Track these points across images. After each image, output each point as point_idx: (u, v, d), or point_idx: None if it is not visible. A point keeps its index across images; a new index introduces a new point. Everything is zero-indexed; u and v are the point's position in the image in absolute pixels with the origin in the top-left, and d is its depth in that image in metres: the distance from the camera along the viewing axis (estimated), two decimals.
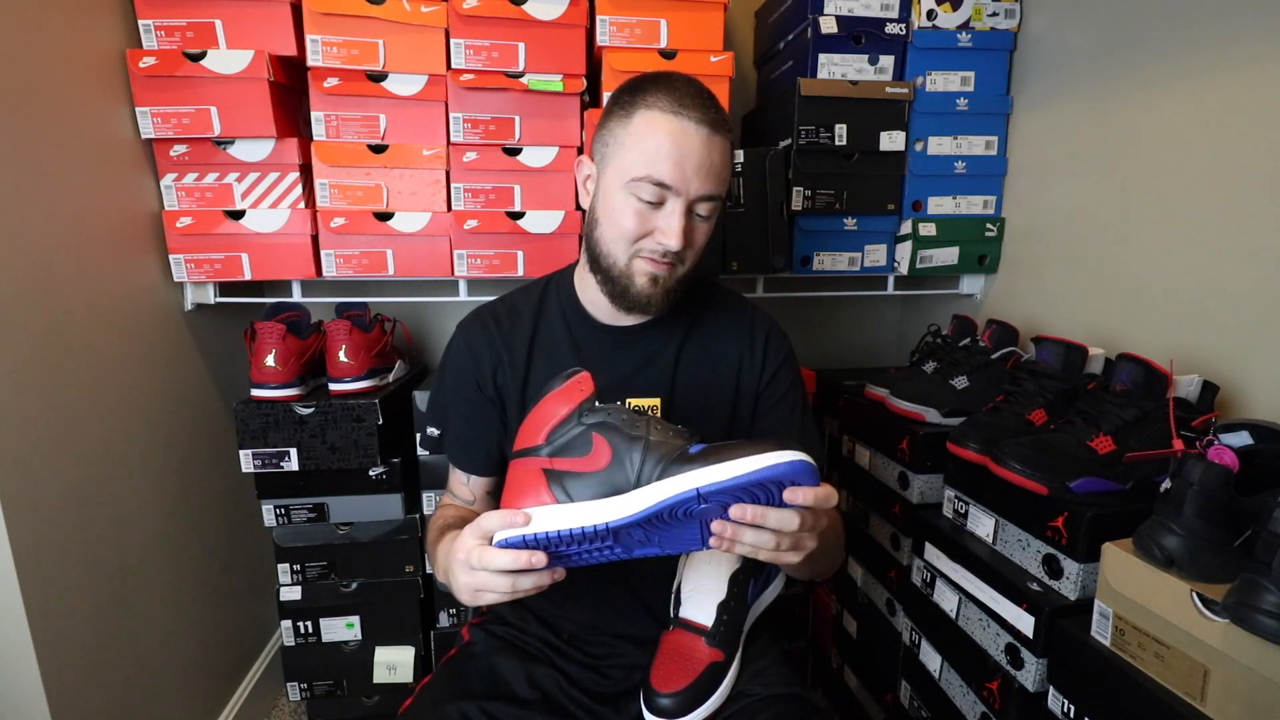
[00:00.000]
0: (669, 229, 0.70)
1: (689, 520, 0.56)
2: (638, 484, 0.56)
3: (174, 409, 1.16)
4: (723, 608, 0.72)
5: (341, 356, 1.15)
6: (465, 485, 0.86)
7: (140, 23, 1.05)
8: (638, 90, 0.72)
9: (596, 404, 0.61)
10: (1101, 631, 0.72)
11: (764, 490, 0.55)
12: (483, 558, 0.56)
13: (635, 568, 0.81)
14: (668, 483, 0.55)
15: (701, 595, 0.74)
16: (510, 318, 0.83)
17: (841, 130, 1.25)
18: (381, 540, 1.21)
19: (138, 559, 1.05)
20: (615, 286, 0.75)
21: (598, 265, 0.76)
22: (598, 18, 1.13)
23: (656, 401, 0.80)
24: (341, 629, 1.22)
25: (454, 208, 1.16)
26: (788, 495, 0.55)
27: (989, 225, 1.32)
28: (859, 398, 1.26)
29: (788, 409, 0.84)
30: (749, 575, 0.76)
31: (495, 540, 0.56)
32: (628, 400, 0.77)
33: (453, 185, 1.16)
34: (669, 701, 0.67)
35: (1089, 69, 1.12)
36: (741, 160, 1.23)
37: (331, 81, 1.09)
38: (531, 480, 0.59)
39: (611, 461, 0.58)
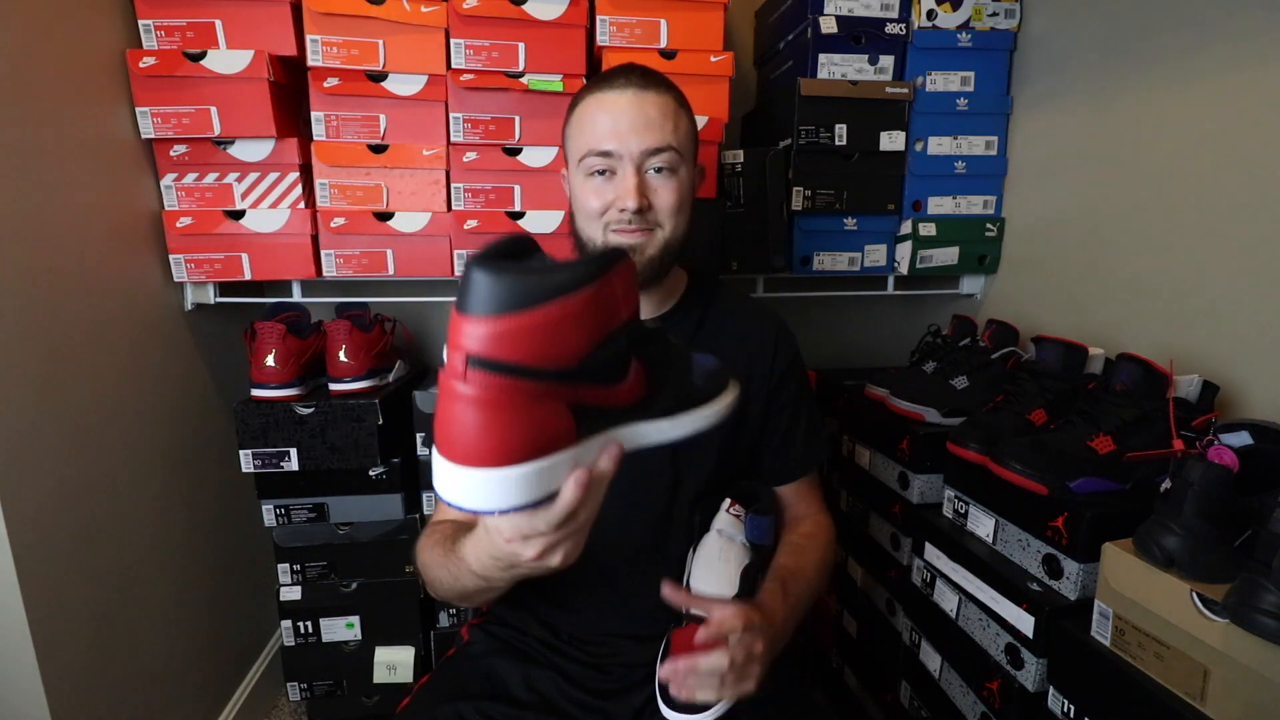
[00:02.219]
0: (623, 190, 0.73)
1: None
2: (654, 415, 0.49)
3: (174, 409, 1.16)
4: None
5: (341, 356, 1.15)
6: None
7: (140, 23, 1.05)
8: (580, 90, 0.79)
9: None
10: (1101, 631, 0.72)
11: None
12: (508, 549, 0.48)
13: (635, 565, 0.82)
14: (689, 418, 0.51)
15: (714, 591, 0.73)
16: None
17: (841, 130, 1.25)
18: (381, 540, 1.21)
19: (137, 559, 1.05)
20: None
21: (583, 253, 0.78)
22: (598, 18, 1.13)
23: None
24: (341, 629, 1.22)
25: (454, 208, 1.16)
26: (699, 635, 0.58)
27: (989, 225, 1.32)
28: (859, 398, 1.26)
29: (791, 413, 0.86)
30: (758, 570, 0.76)
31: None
32: None
33: (453, 185, 1.16)
34: None
35: (1089, 69, 1.12)
36: (741, 160, 1.23)
37: (331, 81, 1.09)
38: (557, 421, 0.42)
39: (645, 395, 0.47)
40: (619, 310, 0.42)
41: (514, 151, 1.15)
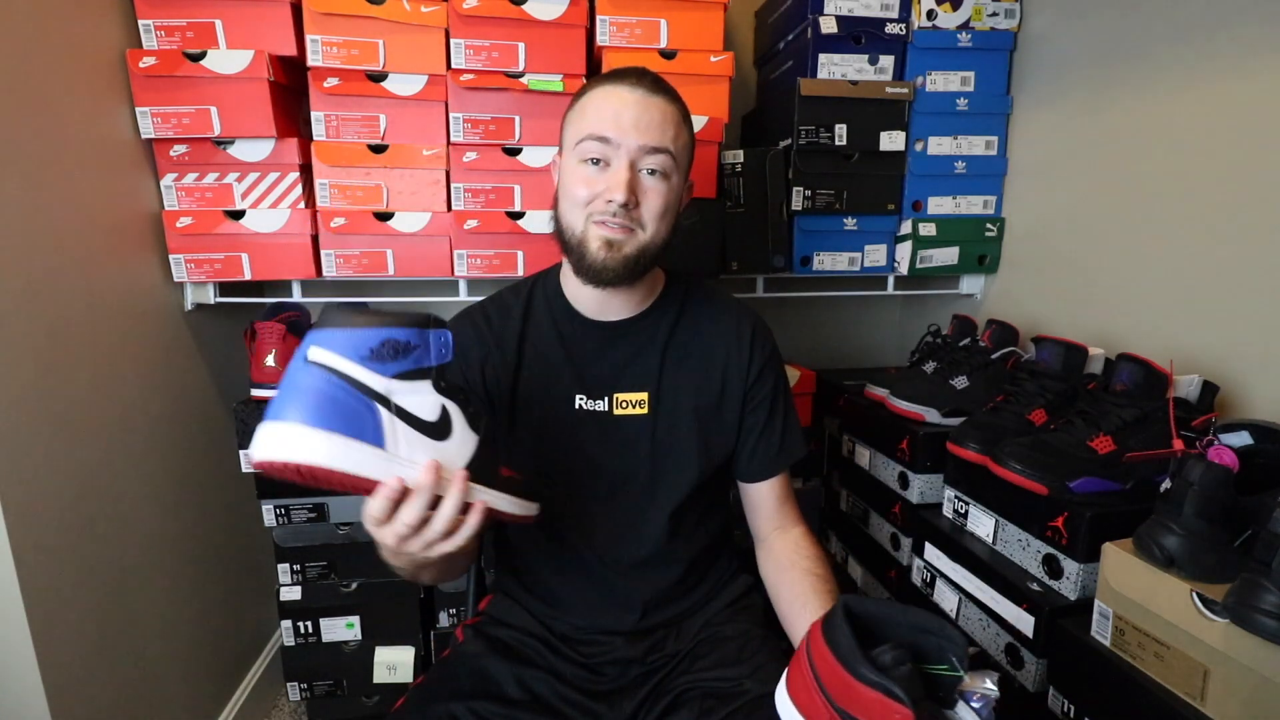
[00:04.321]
0: (614, 183, 0.73)
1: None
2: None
3: (174, 409, 1.16)
4: None
5: None
6: None
7: (140, 23, 1.05)
8: (591, 80, 0.80)
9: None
10: (1101, 631, 0.72)
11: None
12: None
13: (620, 564, 0.81)
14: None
15: None
16: (501, 315, 0.84)
17: (841, 130, 1.25)
18: None
19: (138, 559, 1.05)
20: (574, 256, 0.77)
21: (562, 239, 0.78)
22: (598, 18, 1.13)
23: (644, 395, 0.81)
24: (341, 629, 1.22)
25: (454, 208, 1.16)
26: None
27: (989, 225, 1.32)
28: (859, 398, 1.26)
29: (768, 409, 0.85)
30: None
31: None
32: (615, 395, 0.81)
33: (453, 185, 1.16)
34: None
35: (1089, 69, 1.12)
36: (741, 160, 1.23)
37: (331, 81, 1.09)
38: None
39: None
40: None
41: (514, 151, 1.15)
